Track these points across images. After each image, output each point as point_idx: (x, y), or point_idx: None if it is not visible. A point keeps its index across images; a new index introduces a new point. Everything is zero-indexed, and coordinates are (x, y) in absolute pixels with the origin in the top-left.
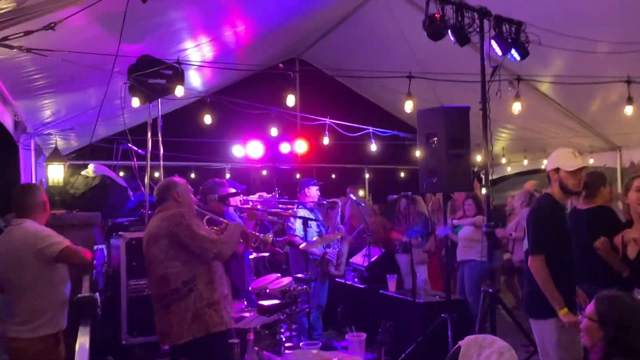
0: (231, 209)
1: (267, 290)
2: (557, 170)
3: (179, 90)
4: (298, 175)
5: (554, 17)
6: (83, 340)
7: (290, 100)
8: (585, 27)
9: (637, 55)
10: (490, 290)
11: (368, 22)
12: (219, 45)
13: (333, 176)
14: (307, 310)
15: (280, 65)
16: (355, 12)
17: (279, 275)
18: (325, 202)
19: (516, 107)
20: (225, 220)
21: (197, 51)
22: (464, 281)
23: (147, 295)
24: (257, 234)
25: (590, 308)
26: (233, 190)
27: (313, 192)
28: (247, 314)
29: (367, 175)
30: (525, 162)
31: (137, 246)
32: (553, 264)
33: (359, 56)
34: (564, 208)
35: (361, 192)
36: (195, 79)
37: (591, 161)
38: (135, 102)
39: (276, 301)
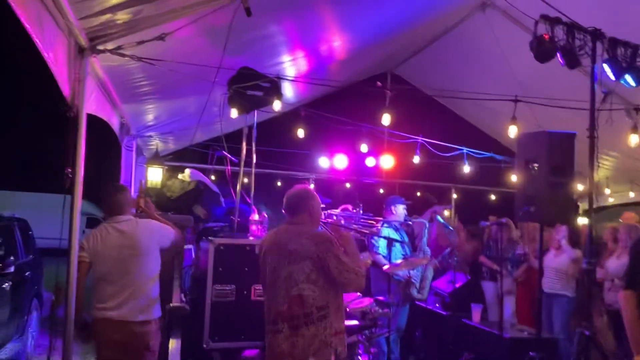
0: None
1: (347, 309)
2: None
3: (277, 104)
4: (381, 191)
5: None
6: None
7: (386, 119)
8: None
9: None
10: (587, 332)
11: (466, 39)
12: (313, 58)
13: (418, 194)
14: (387, 334)
15: (379, 83)
16: (454, 28)
17: (359, 294)
18: (411, 222)
19: (633, 139)
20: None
21: (292, 65)
22: (551, 317)
23: (230, 301)
24: None
25: None
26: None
27: (400, 210)
28: None
29: (454, 196)
30: (632, 194)
31: (226, 252)
32: None
33: (454, 74)
34: None
35: (447, 213)
36: (289, 91)
37: None
38: (234, 112)
39: (355, 322)
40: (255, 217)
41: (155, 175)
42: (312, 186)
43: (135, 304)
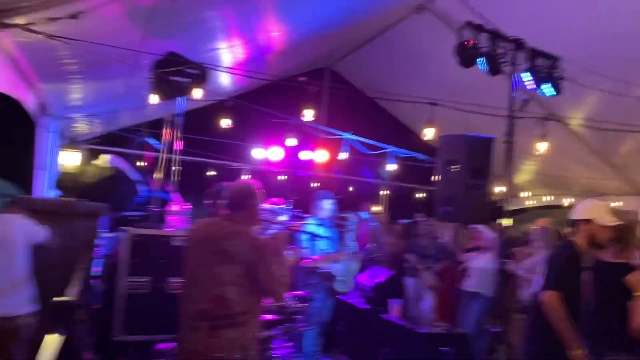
0: None
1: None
2: (588, 221)
3: (198, 93)
4: (315, 184)
5: (592, 55)
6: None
7: (309, 114)
8: (622, 68)
9: None
10: (497, 329)
11: (403, 39)
12: (251, 48)
13: (350, 189)
14: (305, 328)
15: (302, 78)
16: (391, 28)
17: None
18: (335, 218)
19: (541, 146)
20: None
21: (229, 52)
22: (469, 314)
23: (145, 293)
24: None
25: None
26: None
27: (327, 205)
28: None
29: (386, 192)
30: (547, 198)
31: (142, 243)
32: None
33: (390, 72)
34: (582, 257)
35: (377, 208)
36: (225, 79)
37: (616, 204)
38: (154, 98)
39: (271, 316)
40: (175, 207)
41: (70, 159)
42: (246, 177)
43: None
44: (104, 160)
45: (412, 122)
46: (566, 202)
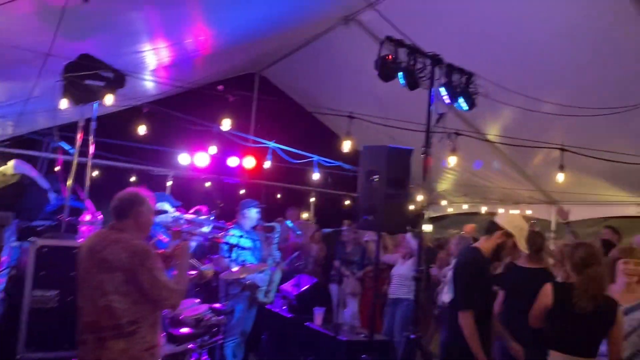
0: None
1: (181, 317)
2: (506, 234)
3: (110, 99)
4: (242, 192)
5: (505, 73)
6: None
7: (227, 124)
8: (533, 86)
9: (574, 120)
10: (412, 336)
11: (331, 49)
12: (177, 51)
13: (278, 196)
14: (222, 342)
15: (220, 87)
16: (320, 37)
17: (198, 300)
18: (259, 227)
19: (452, 160)
20: (170, 247)
21: (153, 55)
22: (394, 320)
23: (52, 308)
24: (196, 265)
25: None
26: (162, 205)
27: (252, 214)
28: None
29: (313, 199)
30: (465, 206)
31: (49, 254)
32: (476, 318)
33: (318, 81)
34: (489, 262)
35: (305, 215)
36: (149, 82)
37: (528, 212)
38: (64, 103)
39: (188, 330)
40: (88, 216)
41: None
42: (169, 184)
43: None
44: (9, 166)
45: (340, 131)
46: (483, 209)
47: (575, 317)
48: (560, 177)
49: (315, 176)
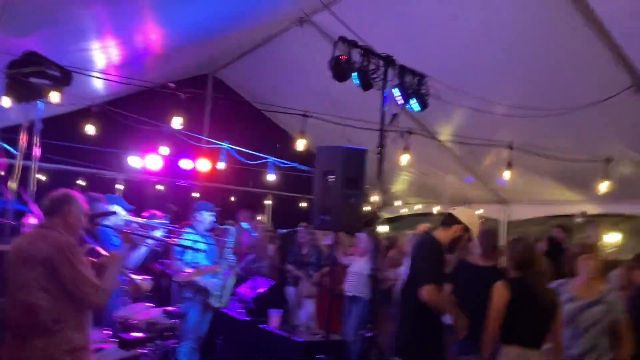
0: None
1: (132, 321)
2: (467, 230)
3: (55, 96)
4: (197, 194)
5: (457, 75)
6: None
7: (177, 122)
8: (483, 88)
9: (522, 121)
10: (368, 334)
11: (286, 50)
12: (127, 50)
13: (233, 199)
14: (179, 345)
15: (171, 84)
16: (274, 38)
17: (150, 305)
18: (214, 229)
19: (404, 158)
20: (106, 255)
21: (102, 53)
22: (349, 319)
23: None
24: (132, 277)
25: None
26: (114, 208)
27: (207, 217)
28: (107, 346)
29: (269, 202)
30: (419, 206)
31: None
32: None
33: (273, 82)
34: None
35: (260, 218)
36: (98, 81)
37: (479, 211)
38: (6, 101)
39: (140, 334)
40: (32, 220)
41: None
42: (121, 187)
43: None
44: None
45: (295, 133)
46: (435, 209)
47: (529, 311)
48: (506, 174)
49: (271, 178)
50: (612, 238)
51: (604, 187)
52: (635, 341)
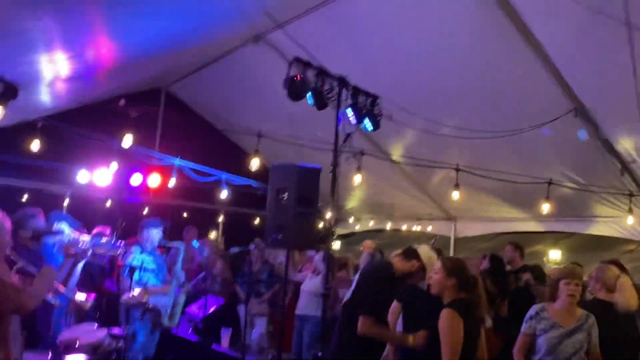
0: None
1: (76, 344)
2: (424, 269)
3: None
4: (147, 211)
5: (408, 96)
6: None
7: (128, 140)
8: (432, 110)
9: (468, 142)
10: (319, 354)
11: (241, 67)
12: (78, 63)
13: (185, 215)
14: None
15: (122, 102)
16: (229, 54)
17: (95, 325)
18: (163, 247)
19: (357, 179)
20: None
21: (50, 66)
22: (301, 337)
23: None
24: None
25: None
26: (60, 225)
27: (154, 234)
28: None
29: (221, 219)
30: (371, 222)
31: None
32: None
33: (228, 99)
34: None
35: (213, 235)
36: (45, 95)
37: (429, 228)
38: None
39: (84, 357)
40: None
41: None
42: (66, 202)
43: None
44: None
45: (249, 149)
46: (388, 225)
47: (476, 334)
48: (455, 194)
49: (224, 194)
50: (554, 255)
51: (546, 207)
52: None
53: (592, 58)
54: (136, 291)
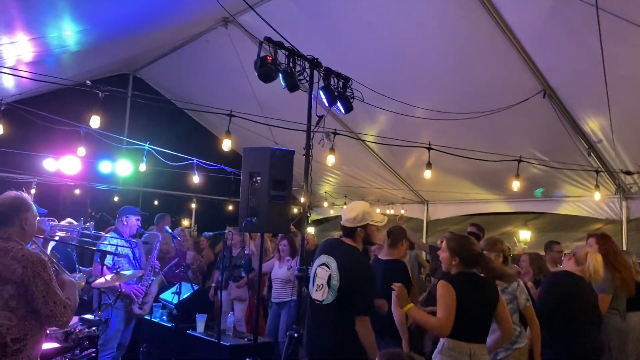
0: None
1: (47, 332)
2: (365, 226)
3: None
4: (116, 198)
5: (381, 79)
6: None
7: (94, 121)
8: (405, 92)
9: (440, 124)
10: (296, 334)
11: (211, 50)
12: (41, 46)
13: (156, 203)
14: (99, 354)
15: (88, 82)
16: (199, 37)
17: None
18: (137, 234)
19: (330, 159)
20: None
21: (12, 49)
22: (278, 322)
23: None
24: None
25: None
26: None
27: (132, 222)
28: None
29: (193, 205)
30: (345, 207)
31: None
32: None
33: (198, 82)
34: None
35: (186, 222)
36: (8, 80)
37: (402, 211)
38: None
39: (56, 344)
40: None
41: None
42: (33, 191)
43: None
44: None
45: (221, 133)
46: None
47: (475, 306)
48: (427, 174)
49: (195, 179)
50: (524, 235)
51: (516, 185)
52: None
53: (561, 41)
54: (109, 277)
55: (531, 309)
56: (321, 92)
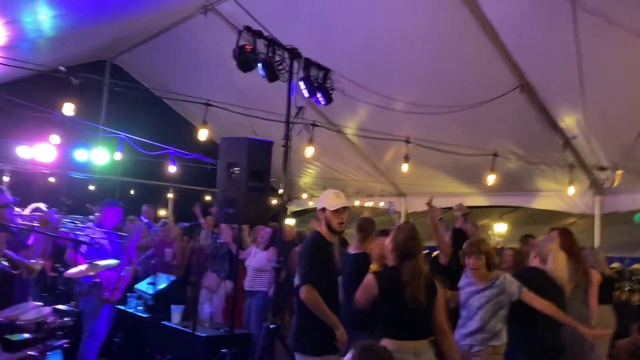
0: None
1: (18, 322)
2: (323, 210)
3: None
4: (92, 187)
5: (362, 72)
6: None
7: (69, 108)
8: (386, 85)
9: (419, 118)
10: (272, 325)
11: (189, 38)
12: (15, 30)
13: (132, 192)
14: (74, 344)
15: (62, 68)
16: (177, 25)
17: (39, 303)
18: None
19: (309, 151)
20: None
21: None
22: (250, 312)
23: None
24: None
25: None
26: None
27: (114, 214)
28: None
29: (171, 195)
30: None
31: None
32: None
33: (175, 70)
34: (331, 244)
35: (163, 212)
36: None
37: (381, 204)
38: None
39: (27, 335)
40: None
41: None
42: (5, 179)
43: None
44: None
45: (198, 122)
46: None
47: (408, 309)
48: (404, 167)
49: (172, 169)
50: (499, 228)
51: (491, 179)
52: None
53: (538, 37)
54: (83, 266)
55: (527, 292)
56: (301, 83)
